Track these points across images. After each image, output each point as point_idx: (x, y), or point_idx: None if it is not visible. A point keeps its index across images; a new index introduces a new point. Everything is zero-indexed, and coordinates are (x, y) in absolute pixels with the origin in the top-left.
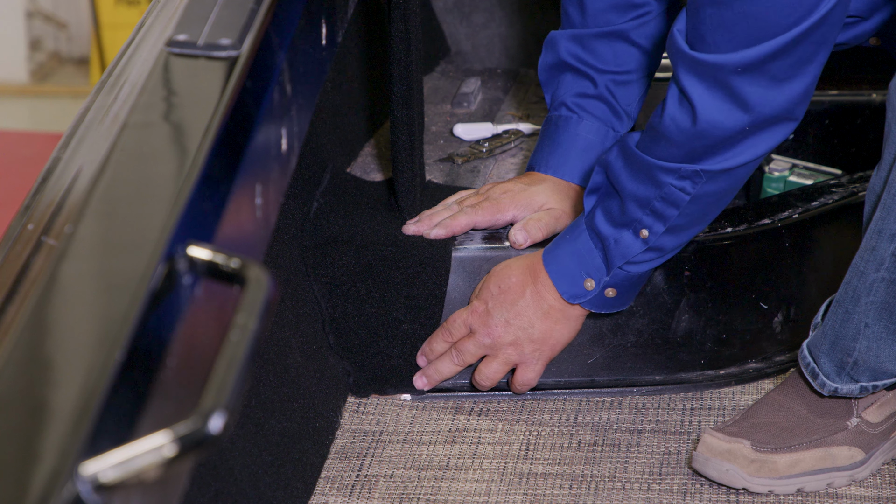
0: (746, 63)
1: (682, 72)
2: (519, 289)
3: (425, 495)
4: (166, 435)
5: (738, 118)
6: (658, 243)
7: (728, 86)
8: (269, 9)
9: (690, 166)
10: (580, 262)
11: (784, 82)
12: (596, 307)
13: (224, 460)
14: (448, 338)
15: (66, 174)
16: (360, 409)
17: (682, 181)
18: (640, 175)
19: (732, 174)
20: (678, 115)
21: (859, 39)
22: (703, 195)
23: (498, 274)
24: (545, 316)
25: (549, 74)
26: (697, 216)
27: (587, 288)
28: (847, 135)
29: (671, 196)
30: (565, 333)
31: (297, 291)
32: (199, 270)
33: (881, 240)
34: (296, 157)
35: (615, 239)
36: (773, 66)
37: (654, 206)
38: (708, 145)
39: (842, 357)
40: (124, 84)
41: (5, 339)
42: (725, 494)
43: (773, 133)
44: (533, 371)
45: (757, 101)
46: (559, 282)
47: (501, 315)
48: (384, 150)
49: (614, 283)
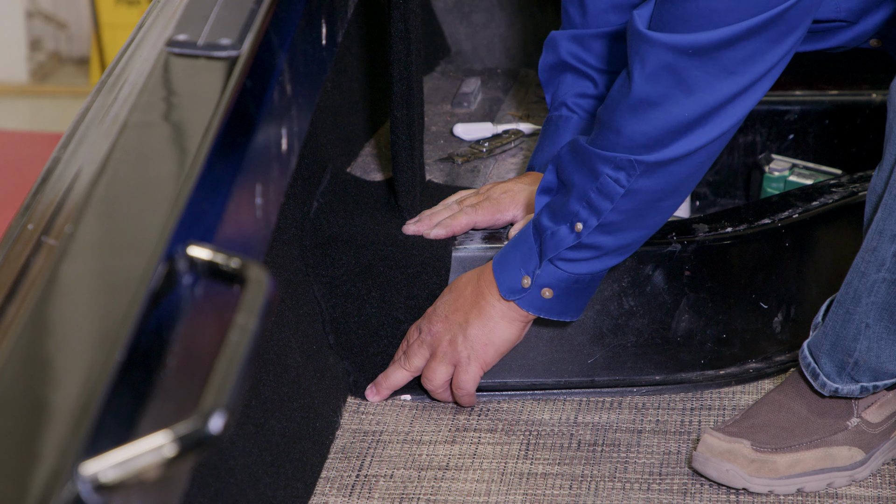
0: (697, 46)
1: (632, 52)
2: (463, 287)
3: (425, 495)
4: (166, 435)
5: (680, 103)
6: (591, 240)
7: (674, 68)
8: (269, 9)
9: (626, 155)
10: (521, 259)
11: (732, 75)
12: (534, 308)
13: (224, 460)
14: (404, 344)
15: (66, 174)
16: (360, 409)
17: (617, 172)
18: (581, 166)
19: (669, 170)
20: (616, 94)
21: (855, 43)
22: (638, 190)
23: (456, 279)
24: (480, 313)
25: (550, 74)
26: (633, 215)
27: (524, 285)
28: (847, 135)
29: (606, 187)
30: (503, 335)
31: (297, 291)
32: (199, 270)
33: (882, 240)
34: (296, 157)
35: (552, 232)
36: (724, 56)
37: (589, 198)
38: (645, 132)
39: (842, 357)
40: (124, 84)
41: (5, 339)
42: (725, 494)
43: (713, 127)
44: (467, 374)
45: (702, 87)
46: (500, 277)
47: (442, 312)
48: (384, 150)
49: (549, 281)
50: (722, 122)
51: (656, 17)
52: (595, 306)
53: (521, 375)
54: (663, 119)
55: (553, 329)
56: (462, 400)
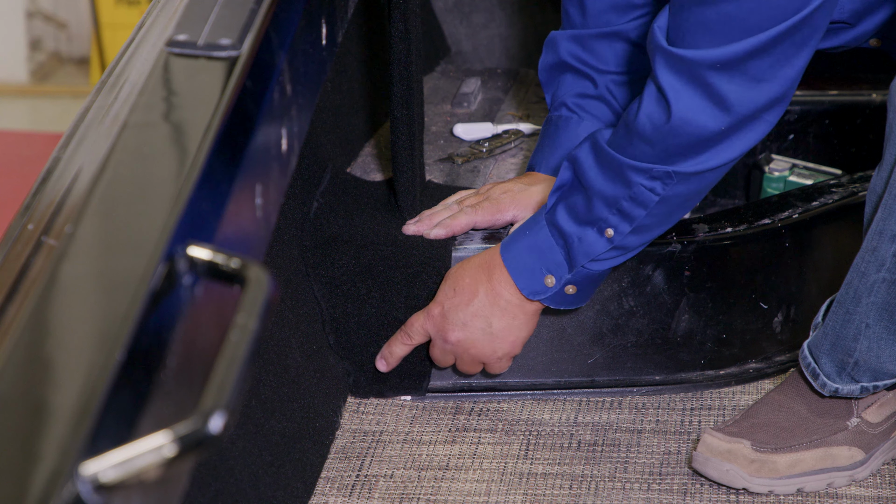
0: (724, 60)
1: (659, 68)
2: (472, 289)
3: (425, 495)
4: (166, 435)
5: (716, 117)
6: (623, 242)
7: (705, 83)
8: (269, 9)
9: (662, 167)
10: (540, 258)
11: (762, 83)
12: (555, 304)
13: (224, 460)
14: (408, 341)
15: (66, 174)
16: (360, 409)
17: (652, 182)
18: (609, 173)
19: (704, 177)
20: (654, 113)
21: (855, 43)
22: (672, 196)
23: (452, 276)
24: (503, 313)
25: (550, 75)
26: (664, 217)
27: (547, 284)
28: (847, 135)
29: (640, 196)
30: (524, 329)
31: (297, 291)
32: (199, 270)
33: (882, 241)
34: (296, 157)
35: (579, 237)
36: (752, 65)
37: (621, 206)
38: (682, 144)
39: (842, 357)
40: (124, 84)
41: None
42: (725, 494)
43: (746, 136)
44: (500, 365)
45: (735, 100)
46: (518, 277)
47: (458, 318)
48: (384, 150)
49: (575, 280)
50: (758, 130)
51: (673, 28)
52: (595, 306)
53: (521, 375)
54: (699, 132)
55: (553, 329)
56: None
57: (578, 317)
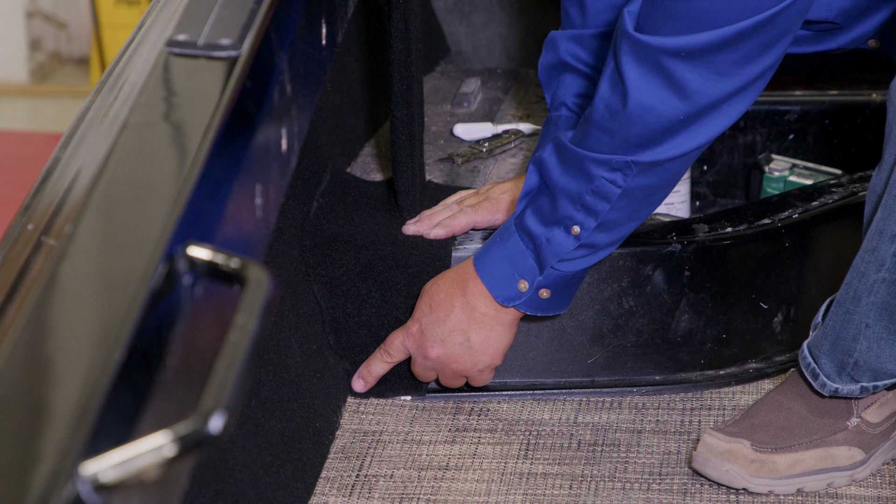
0: (689, 49)
1: (623, 53)
2: (448, 304)
3: (425, 495)
4: (166, 435)
5: (674, 105)
6: (590, 240)
7: (667, 70)
8: (269, 9)
9: (622, 157)
10: (512, 264)
11: (725, 77)
12: (531, 309)
13: (224, 460)
14: (388, 359)
15: (66, 174)
16: (360, 409)
17: (612, 173)
18: (571, 169)
19: (664, 168)
20: (610, 100)
21: (854, 44)
22: (634, 188)
23: (428, 292)
24: (480, 326)
25: (550, 74)
26: (629, 212)
27: (521, 290)
28: (847, 135)
29: (602, 189)
30: (503, 339)
31: (297, 291)
32: (199, 270)
33: (882, 241)
34: (296, 157)
35: (546, 237)
36: (716, 58)
37: (585, 201)
38: (640, 133)
39: (842, 357)
40: (124, 84)
41: (5, 339)
42: (725, 494)
43: (706, 127)
44: (482, 377)
45: (695, 90)
46: (492, 285)
47: (436, 335)
48: (384, 150)
49: (548, 283)
50: (716, 123)
51: (644, 16)
52: (595, 306)
53: (521, 375)
54: (657, 120)
55: (553, 329)
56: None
57: (578, 317)
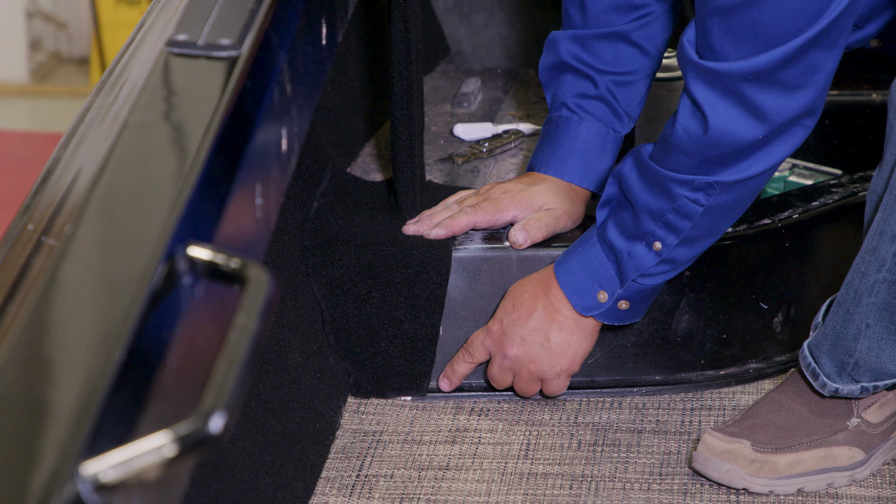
0: (756, 71)
1: (692, 81)
2: (531, 304)
3: (425, 495)
4: (166, 435)
5: (752, 127)
6: (671, 255)
7: (739, 94)
8: (269, 9)
9: (704, 178)
10: (592, 275)
11: (796, 90)
12: (609, 319)
13: (224, 460)
14: (469, 359)
15: (66, 174)
16: (360, 409)
17: (695, 193)
18: (653, 187)
19: (746, 185)
20: (690, 125)
21: (857, 45)
22: (716, 206)
23: (512, 292)
24: (560, 329)
25: (550, 75)
26: (710, 227)
27: (600, 300)
28: (847, 135)
29: (684, 208)
30: (582, 345)
31: (297, 291)
32: (199, 270)
33: (882, 241)
34: (296, 157)
35: (628, 252)
36: (783, 74)
37: (667, 219)
38: (721, 155)
39: (843, 357)
40: (124, 84)
41: (5, 339)
42: (725, 494)
43: (785, 142)
44: (558, 384)
45: (770, 109)
46: (572, 294)
47: (516, 334)
48: (384, 150)
49: (627, 295)
50: (795, 137)
51: (700, 39)
52: None
53: None
54: (737, 142)
55: None
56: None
57: None
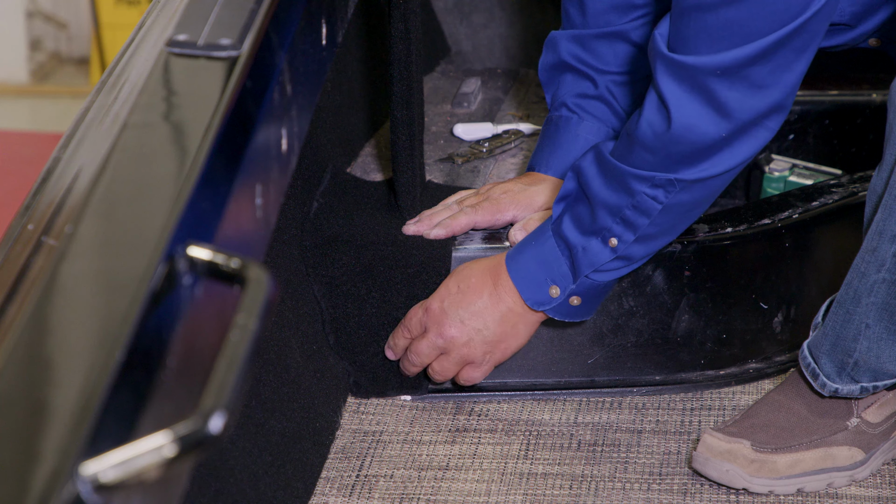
0: (725, 66)
1: (660, 75)
2: (477, 290)
3: (425, 495)
4: (166, 435)
5: (716, 123)
6: (627, 252)
7: (706, 89)
8: (269, 9)
9: (665, 175)
10: (546, 269)
11: (763, 89)
12: (560, 315)
13: (224, 460)
14: (407, 334)
15: (66, 174)
16: (360, 409)
17: (655, 190)
18: (612, 183)
19: (706, 184)
20: (655, 120)
21: (854, 42)
22: (675, 205)
23: (458, 274)
24: (502, 319)
25: (550, 75)
26: (668, 226)
27: (552, 295)
28: (847, 135)
29: (643, 205)
30: (520, 338)
31: (297, 291)
32: (199, 270)
33: (882, 241)
34: (296, 157)
35: (583, 247)
36: (753, 72)
37: (625, 215)
38: (683, 152)
39: (842, 358)
40: (124, 84)
41: (5, 339)
42: (725, 494)
43: (748, 143)
44: (480, 371)
45: (736, 107)
46: (523, 288)
47: (456, 315)
48: (384, 150)
49: (580, 291)
50: (760, 136)
51: (674, 34)
52: None
53: (521, 375)
54: (701, 139)
55: (553, 329)
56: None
57: None
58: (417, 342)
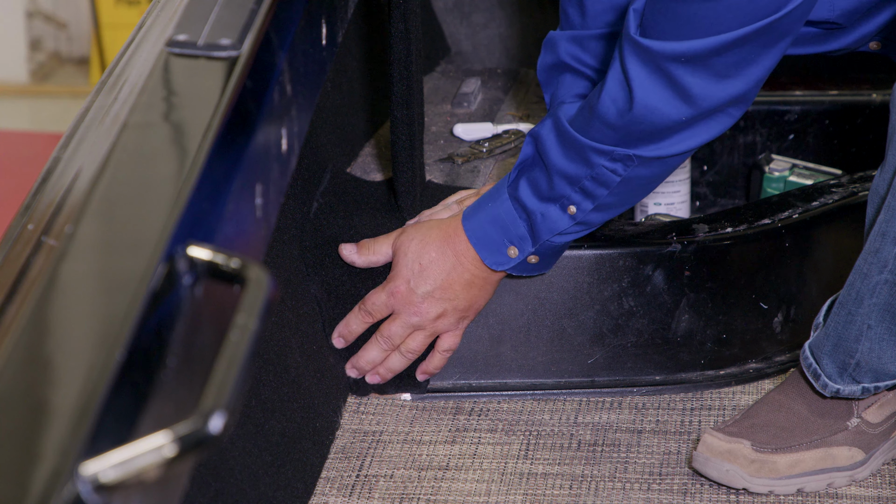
0: (690, 54)
1: (627, 55)
2: (440, 263)
3: (425, 495)
4: (166, 435)
5: (678, 108)
6: (585, 219)
7: (670, 75)
8: (269, 9)
9: (624, 150)
10: (503, 231)
11: (726, 79)
12: (518, 271)
13: (224, 460)
14: (368, 318)
15: (66, 174)
16: (360, 409)
17: (614, 163)
18: (571, 153)
19: (665, 162)
20: (618, 97)
21: (855, 45)
22: (634, 178)
23: (414, 250)
24: (468, 285)
25: (549, 75)
26: (626, 196)
27: (510, 256)
28: (847, 135)
29: (602, 177)
30: (487, 296)
31: (297, 291)
32: (199, 270)
33: (885, 242)
34: (296, 157)
35: (542, 213)
36: (716, 62)
37: (583, 185)
38: (644, 131)
39: (844, 358)
40: (124, 84)
41: (5, 339)
42: (725, 494)
43: (710, 126)
44: (456, 337)
45: (698, 94)
46: (482, 250)
47: (425, 291)
48: (384, 150)
49: (539, 251)
50: (719, 123)
51: (648, 19)
52: (595, 306)
53: (521, 375)
54: (662, 121)
55: (553, 329)
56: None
57: (578, 317)
58: (388, 325)
